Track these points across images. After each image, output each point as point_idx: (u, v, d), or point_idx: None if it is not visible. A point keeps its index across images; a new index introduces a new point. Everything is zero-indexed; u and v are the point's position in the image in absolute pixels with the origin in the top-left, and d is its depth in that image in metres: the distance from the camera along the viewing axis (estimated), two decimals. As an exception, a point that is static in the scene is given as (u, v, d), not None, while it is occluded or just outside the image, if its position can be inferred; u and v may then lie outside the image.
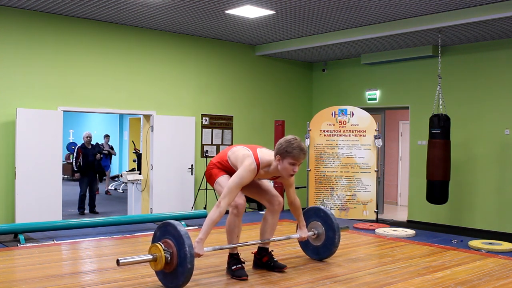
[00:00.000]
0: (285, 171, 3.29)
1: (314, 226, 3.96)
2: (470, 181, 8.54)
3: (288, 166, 3.27)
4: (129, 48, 8.14)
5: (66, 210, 8.46)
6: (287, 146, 3.25)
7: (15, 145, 6.99)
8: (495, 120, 8.27)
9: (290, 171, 3.28)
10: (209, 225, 3.14)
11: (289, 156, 3.25)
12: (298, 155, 3.25)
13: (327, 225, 3.90)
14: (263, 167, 3.34)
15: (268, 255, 3.61)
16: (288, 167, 3.27)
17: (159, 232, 3.17)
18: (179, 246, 2.99)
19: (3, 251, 4.26)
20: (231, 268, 3.41)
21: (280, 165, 3.29)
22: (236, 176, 3.26)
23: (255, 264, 3.66)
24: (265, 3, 6.63)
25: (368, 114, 7.72)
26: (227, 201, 3.19)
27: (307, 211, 4.04)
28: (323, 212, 3.96)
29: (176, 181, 8.53)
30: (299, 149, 3.26)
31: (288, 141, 3.28)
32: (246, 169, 3.27)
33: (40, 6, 6.93)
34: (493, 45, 8.32)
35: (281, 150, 3.27)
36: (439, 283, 3.32)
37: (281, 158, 3.28)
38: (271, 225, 3.60)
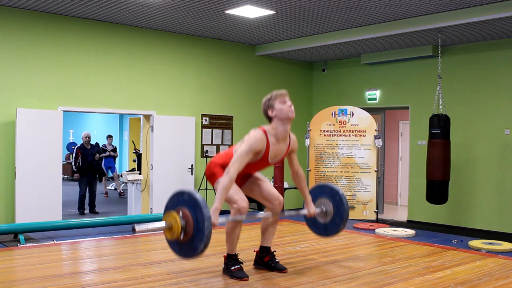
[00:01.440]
0: (284, 112, 3.33)
1: (322, 202, 3.87)
2: (470, 181, 8.53)
3: (281, 106, 3.35)
4: (129, 48, 8.14)
5: (66, 210, 8.46)
6: (267, 98, 3.40)
7: (15, 145, 6.99)
8: (495, 120, 8.27)
9: (287, 107, 3.34)
10: (222, 192, 3.11)
11: (274, 100, 3.36)
12: (280, 93, 3.39)
13: (335, 202, 3.81)
14: (270, 134, 3.34)
15: (270, 255, 3.60)
16: (283, 107, 3.34)
17: (171, 202, 3.11)
18: (195, 214, 2.92)
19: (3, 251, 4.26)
20: (230, 268, 3.39)
21: (276, 114, 3.34)
22: (245, 144, 3.24)
23: (256, 262, 3.66)
24: (265, 3, 6.63)
25: (368, 114, 7.72)
26: (236, 167, 3.16)
27: (313, 189, 3.97)
28: (330, 188, 3.89)
29: (176, 181, 8.52)
30: (277, 91, 3.41)
31: (265, 97, 3.43)
32: (253, 137, 3.26)
33: (40, 6, 6.93)
34: (493, 45, 8.32)
35: (267, 104, 3.39)
36: (439, 283, 3.32)
37: (272, 109, 3.36)
38: (272, 224, 3.60)
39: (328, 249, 4.45)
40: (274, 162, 3.44)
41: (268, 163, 3.42)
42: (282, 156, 3.48)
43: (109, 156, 12.40)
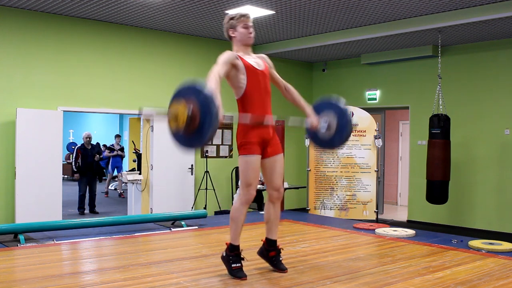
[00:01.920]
0: (244, 35, 3.43)
1: (323, 116, 3.88)
2: (470, 181, 8.54)
3: (243, 30, 3.44)
4: (129, 48, 8.14)
5: (66, 210, 8.46)
6: (230, 17, 3.46)
7: (15, 145, 6.98)
8: (495, 120, 8.27)
9: (247, 32, 3.43)
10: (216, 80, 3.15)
11: (237, 22, 3.44)
12: (242, 15, 3.44)
13: (337, 113, 3.83)
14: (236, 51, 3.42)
15: (276, 251, 3.60)
16: (243, 31, 3.43)
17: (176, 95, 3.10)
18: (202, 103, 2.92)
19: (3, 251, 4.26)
20: (231, 266, 3.38)
21: (236, 36, 3.44)
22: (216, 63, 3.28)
23: (261, 253, 3.65)
24: (265, 3, 6.63)
25: (368, 114, 7.72)
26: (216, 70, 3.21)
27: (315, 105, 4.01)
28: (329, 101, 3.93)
29: (176, 181, 8.53)
30: (241, 12, 3.46)
31: (228, 16, 3.48)
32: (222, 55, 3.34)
33: (40, 6, 6.93)
34: (493, 45, 8.32)
35: (229, 23, 3.46)
36: (439, 283, 3.32)
37: (233, 30, 3.46)
38: (274, 215, 3.59)
39: (328, 249, 4.45)
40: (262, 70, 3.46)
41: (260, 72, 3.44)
42: (264, 66, 3.52)
43: (116, 156, 12.40)
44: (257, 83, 3.43)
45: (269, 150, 3.49)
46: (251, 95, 3.41)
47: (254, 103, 3.41)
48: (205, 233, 5.22)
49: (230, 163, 9.37)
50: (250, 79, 3.39)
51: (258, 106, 3.43)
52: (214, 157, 9.20)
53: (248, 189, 3.36)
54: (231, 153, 9.46)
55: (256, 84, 3.42)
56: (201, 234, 5.19)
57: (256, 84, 3.42)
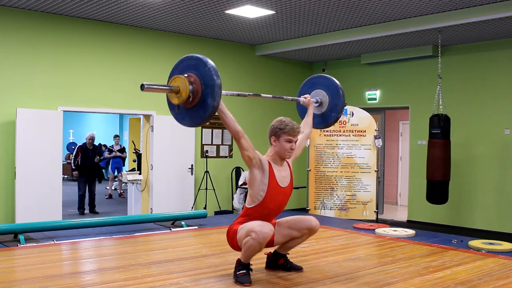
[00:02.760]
0: (283, 149, 3.32)
1: (316, 94, 3.94)
2: (470, 181, 8.53)
3: (285, 143, 3.31)
4: (129, 48, 8.14)
5: (66, 210, 8.46)
6: (279, 125, 3.33)
7: (15, 145, 6.99)
8: (495, 120, 8.27)
9: (288, 148, 3.32)
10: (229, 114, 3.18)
11: (283, 133, 3.30)
12: (291, 129, 3.30)
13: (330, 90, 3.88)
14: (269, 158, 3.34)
15: (284, 257, 3.59)
16: (285, 145, 3.31)
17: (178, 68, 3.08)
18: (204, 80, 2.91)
19: (3, 251, 4.26)
20: (236, 273, 3.30)
21: (276, 146, 3.33)
22: None
23: (269, 265, 3.62)
24: (265, 3, 6.63)
25: (368, 114, 7.72)
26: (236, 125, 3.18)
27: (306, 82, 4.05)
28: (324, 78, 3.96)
29: (176, 181, 8.53)
30: (292, 124, 3.33)
31: (278, 121, 3.36)
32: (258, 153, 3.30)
33: (40, 6, 6.93)
34: (493, 45, 8.32)
35: (275, 130, 3.34)
36: (439, 283, 3.32)
37: (276, 139, 3.34)
38: (298, 243, 3.53)
39: (328, 249, 4.45)
40: (284, 186, 3.34)
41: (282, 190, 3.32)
42: (289, 181, 3.40)
43: (116, 157, 12.28)
44: (274, 203, 3.30)
45: None
46: (262, 213, 3.28)
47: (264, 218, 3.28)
48: (205, 233, 5.22)
49: (230, 163, 9.37)
50: (269, 196, 3.27)
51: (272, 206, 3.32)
52: (214, 157, 9.20)
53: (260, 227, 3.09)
54: (231, 153, 9.46)
55: (273, 203, 3.30)
56: (201, 234, 5.19)
57: (273, 203, 3.30)
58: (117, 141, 12.53)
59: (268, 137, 3.40)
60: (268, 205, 3.30)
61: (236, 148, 9.45)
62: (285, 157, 3.38)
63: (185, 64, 3.07)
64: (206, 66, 2.94)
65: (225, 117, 3.17)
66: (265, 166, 3.28)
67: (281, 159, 3.39)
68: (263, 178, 3.27)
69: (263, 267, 3.64)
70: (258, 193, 3.28)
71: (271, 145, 3.38)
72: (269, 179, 3.27)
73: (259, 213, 3.29)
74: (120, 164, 12.48)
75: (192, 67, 3.00)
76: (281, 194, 3.34)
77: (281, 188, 3.34)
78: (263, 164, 3.29)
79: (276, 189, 3.30)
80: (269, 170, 3.29)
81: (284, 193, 3.37)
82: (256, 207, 3.30)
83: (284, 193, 3.37)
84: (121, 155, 12.35)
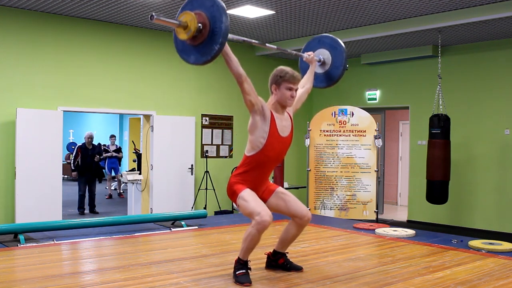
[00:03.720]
0: (284, 97, 3.33)
1: (319, 53, 3.97)
2: (470, 181, 8.54)
3: (286, 91, 3.32)
4: (129, 48, 8.14)
5: (66, 210, 8.46)
6: (279, 73, 3.35)
7: (15, 145, 6.99)
8: (495, 120, 8.27)
9: (289, 96, 3.33)
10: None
11: (283, 80, 3.32)
12: (291, 77, 3.31)
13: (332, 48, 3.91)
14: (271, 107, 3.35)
15: (284, 256, 3.59)
16: (286, 93, 3.32)
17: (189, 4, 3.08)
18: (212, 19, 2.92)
19: (3, 251, 4.26)
20: (235, 273, 3.31)
21: (277, 94, 3.34)
22: None
23: (269, 265, 3.62)
24: (265, 3, 6.63)
25: (368, 114, 7.72)
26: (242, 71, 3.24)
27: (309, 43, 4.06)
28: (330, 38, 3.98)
29: (176, 181, 8.53)
30: (292, 72, 3.33)
31: (279, 70, 3.37)
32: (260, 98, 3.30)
33: (40, 6, 6.93)
34: (493, 45, 8.32)
35: (275, 78, 3.36)
36: (439, 283, 3.32)
37: (277, 87, 3.36)
38: (293, 237, 3.54)
39: (328, 249, 4.45)
40: (284, 136, 3.36)
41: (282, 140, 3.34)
42: (290, 130, 3.43)
43: (112, 157, 12.23)
44: (274, 151, 3.31)
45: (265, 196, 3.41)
46: (261, 161, 3.29)
47: (263, 166, 3.32)
48: (205, 233, 5.22)
49: (230, 163, 9.37)
50: (269, 145, 3.27)
51: (263, 171, 3.35)
52: (214, 157, 9.20)
53: (260, 217, 3.11)
54: (231, 153, 9.46)
55: (272, 152, 3.31)
56: (201, 234, 5.19)
57: (272, 152, 3.31)
58: (113, 141, 12.47)
59: (269, 87, 3.42)
60: (268, 153, 3.29)
61: (236, 148, 9.46)
62: (286, 105, 3.38)
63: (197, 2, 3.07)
64: (216, 6, 2.95)
65: (229, 59, 3.20)
66: (266, 114, 3.29)
67: (282, 107, 3.39)
68: (264, 125, 3.27)
69: (263, 267, 3.64)
70: (259, 140, 3.28)
71: (272, 93, 3.41)
72: (270, 127, 3.27)
73: (258, 161, 3.29)
74: (116, 164, 12.42)
75: (202, 5, 3.01)
76: (281, 143, 3.35)
77: (281, 137, 3.34)
78: (265, 111, 3.29)
79: (276, 137, 3.30)
80: (270, 118, 3.28)
81: (284, 142, 3.38)
82: (255, 155, 3.29)
83: (283, 142, 3.38)
84: (117, 155, 12.31)
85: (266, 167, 3.35)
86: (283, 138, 3.36)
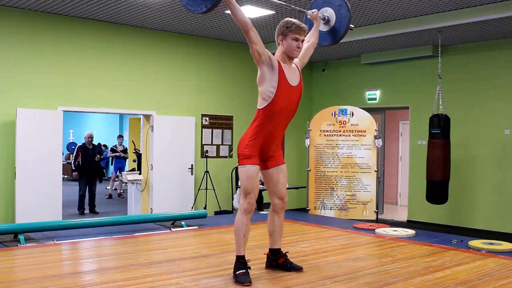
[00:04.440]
0: (291, 47, 3.33)
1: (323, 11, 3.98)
2: (470, 181, 8.54)
3: (292, 42, 3.33)
4: (129, 48, 8.14)
5: (66, 210, 8.46)
6: (285, 24, 3.35)
7: (15, 145, 6.99)
8: (495, 120, 8.27)
9: (295, 46, 3.33)
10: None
11: (289, 31, 3.32)
12: (297, 27, 3.32)
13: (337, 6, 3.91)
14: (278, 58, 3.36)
15: (284, 256, 3.59)
16: (292, 43, 3.33)
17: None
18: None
19: (3, 251, 4.26)
20: (235, 273, 3.32)
21: (283, 45, 3.35)
22: None
23: (269, 265, 3.62)
24: (265, 3, 6.63)
25: (368, 114, 7.72)
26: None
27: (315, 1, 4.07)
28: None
29: (176, 181, 8.53)
30: (298, 23, 3.34)
31: (285, 21, 3.37)
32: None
33: (40, 6, 6.93)
34: (493, 45, 8.32)
35: (281, 29, 3.36)
36: (439, 283, 3.32)
37: (283, 38, 3.35)
38: (279, 224, 3.58)
39: (328, 249, 4.45)
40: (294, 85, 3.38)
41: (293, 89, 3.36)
42: (299, 80, 3.45)
43: (119, 157, 12.25)
44: (285, 101, 3.33)
45: (269, 163, 3.47)
46: (275, 110, 3.30)
47: (275, 119, 3.33)
48: (205, 233, 5.22)
49: (230, 163, 9.37)
50: (280, 95, 3.29)
51: (276, 123, 3.36)
52: (214, 157, 9.20)
53: (248, 198, 3.30)
54: (231, 153, 9.46)
55: (283, 102, 3.32)
56: (201, 234, 5.19)
57: (283, 102, 3.32)
58: (121, 141, 12.52)
59: (275, 38, 3.43)
60: (280, 103, 3.30)
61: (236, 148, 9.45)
62: (293, 56, 3.39)
63: None
64: None
65: (234, 8, 3.20)
66: (274, 63, 3.30)
67: (290, 58, 3.40)
68: (273, 75, 3.29)
69: (263, 267, 3.64)
70: (269, 90, 3.29)
71: (278, 45, 3.42)
72: (279, 76, 3.28)
73: (270, 112, 3.29)
74: (123, 164, 12.46)
75: None
76: (292, 91, 3.36)
77: (291, 86, 3.36)
78: (273, 61, 3.30)
79: (286, 86, 3.31)
80: (278, 68, 3.29)
81: (295, 91, 3.40)
82: (267, 107, 3.30)
83: (294, 91, 3.39)
84: (124, 156, 12.35)
85: (278, 120, 3.36)
86: (293, 87, 3.38)
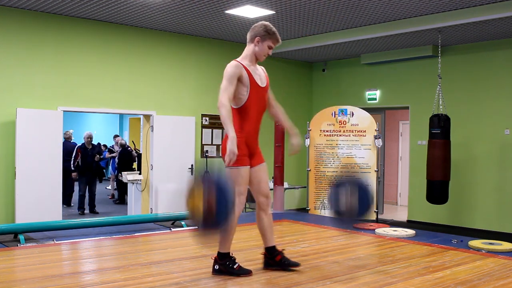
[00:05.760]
0: (262, 53, 3.50)
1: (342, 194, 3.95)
2: (470, 181, 8.53)
3: (266, 48, 3.50)
4: (129, 48, 8.14)
5: (66, 210, 8.46)
6: (268, 29, 3.49)
7: (15, 145, 6.99)
8: (495, 120, 8.27)
9: (266, 53, 3.51)
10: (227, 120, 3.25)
11: (269, 38, 3.49)
12: (276, 39, 3.53)
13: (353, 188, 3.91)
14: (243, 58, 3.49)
15: (281, 253, 3.60)
16: (265, 49, 3.50)
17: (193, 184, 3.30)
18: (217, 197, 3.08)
19: (3, 251, 4.26)
20: (233, 268, 3.36)
21: (258, 47, 3.49)
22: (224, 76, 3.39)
23: (267, 264, 3.63)
24: (265, 3, 6.63)
25: (368, 114, 7.72)
26: (227, 96, 3.31)
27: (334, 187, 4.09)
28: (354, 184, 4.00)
29: (176, 181, 8.52)
30: (277, 34, 3.54)
31: (266, 25, 3.50)
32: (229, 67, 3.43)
33: (40, 6, 6.93)
34: (493, 45, 8.32)
35: (261, 32, 3.48)
36: (439, 283, 3.32)
37: (260, 40, 3.49)
38: (268, 222, 3.61)
39: (328, 249, 4.45)
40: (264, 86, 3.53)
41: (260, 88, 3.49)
42: (266, 82, 3.58)
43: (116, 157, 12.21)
44: (257, 99, 3.48)
45: (253, 161, 3.53)
46: (249, 109, 3.45)
47: (251, 117, 3.47)
48: (205, 233, 5.21)
49: (230, 163, 9.35)
50: (252, 94, 3.44)
51: (254, 121, 3.49)
52: (214, 157, 9.20)
53: (240, 199, 3.39)
54: (231, 153, 9.44)
55: (256, 100, 3.48)
56: (201, 234, 5.18)
57: (256, 100, 3.48)
58: (117, 140, 12.48)
59: (250, 36, 3.53)
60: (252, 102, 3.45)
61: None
62: (261, 60, 3.55)
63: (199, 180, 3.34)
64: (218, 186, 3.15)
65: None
66: (243, 74, 3.42)
67: (256, 60, 3.55)
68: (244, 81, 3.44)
69: (262, 267, 3.64)
70: (242, 93, 3.44)
71: (251, 44, 3.52)
72: (250, 81, 3.44)
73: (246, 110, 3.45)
74: None
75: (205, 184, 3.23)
76: (261, 92, 3.52)
77: (260, 87, 3.51)
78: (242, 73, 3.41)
79: (256, 87, 3.48)
80: (247, 74, 3.43)
81: (263, 91, 3.55)
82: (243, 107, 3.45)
83: (262, 91, 3.54)
84: None
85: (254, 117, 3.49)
86: (261, 87, 3.52)
